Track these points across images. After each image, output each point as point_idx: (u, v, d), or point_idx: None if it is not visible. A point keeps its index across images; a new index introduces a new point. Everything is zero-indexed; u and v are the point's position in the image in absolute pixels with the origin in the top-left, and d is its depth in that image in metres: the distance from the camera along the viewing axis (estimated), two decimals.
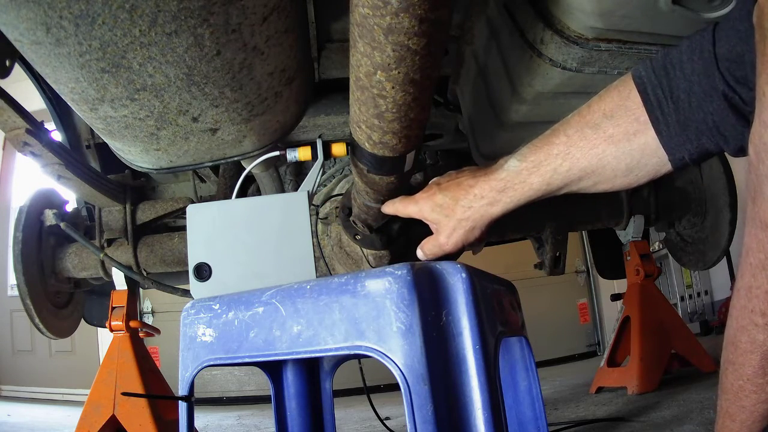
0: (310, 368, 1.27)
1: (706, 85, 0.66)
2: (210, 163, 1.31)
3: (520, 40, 1.26)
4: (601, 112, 0.75)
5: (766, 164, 0.57)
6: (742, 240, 0.62)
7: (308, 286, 0.78)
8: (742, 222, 0.63)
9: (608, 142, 0.74)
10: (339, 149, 1.13)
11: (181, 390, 0.89)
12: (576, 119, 0.78)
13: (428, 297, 0.72)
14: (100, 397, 1.96)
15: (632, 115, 0.73)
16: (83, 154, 2.25)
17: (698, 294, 4.98)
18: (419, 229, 1.01)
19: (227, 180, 2.08)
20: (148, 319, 4.79)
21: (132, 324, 2.03)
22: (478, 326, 0.72)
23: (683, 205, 2.35)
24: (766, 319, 0.60)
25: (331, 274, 1.61)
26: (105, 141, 1.24)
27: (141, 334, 2.11)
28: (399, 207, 1.00)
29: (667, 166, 0.74)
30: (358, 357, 1.23)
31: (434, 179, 0.95)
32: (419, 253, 0.95)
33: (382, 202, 1.15)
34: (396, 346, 0.69)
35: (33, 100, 1.92)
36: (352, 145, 0.97)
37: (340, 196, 1.50)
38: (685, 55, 0.69)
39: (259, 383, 4.67)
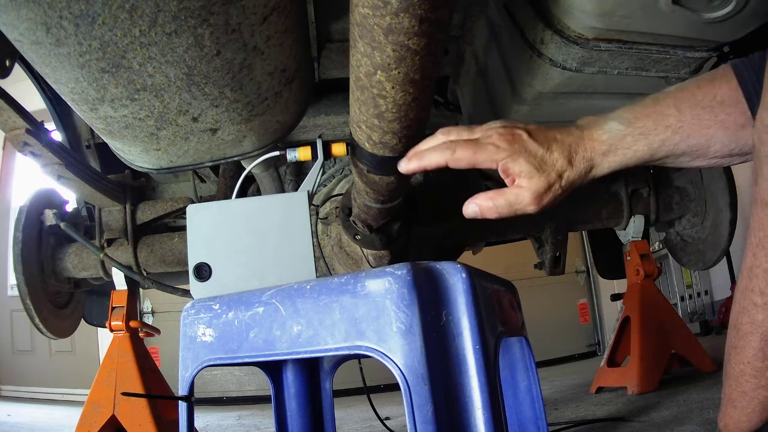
0: (310, 368, 1.27)
1: None
2: (210, 163, 1.31)
3: (520, 40, 1.26)
4: (712, 96, 0.74)
5: (767, 146, 0.59)
6: (742, 240, 0.63)
7: (308, 286, 0.78)
8: (743, 222, 0.64)
9: (719, 127, 0.74)
10: (339, 149, 1.13)
11: (181, 390, 0.89)
12: (686, 95, 0.76)
13: (428, 297, 0.71)
14: (100, 397, 1.96)
15: (741, 108, 0.73)
16: (83, 154, 2.25)
17: (698, 294, 4.98)
18: (420, 229, 1.00)
19: (227, 180, 2.08)
20: (148, 319, 4.79)
21: (132, 324, 2.04)
22: (478, 326, 0.72)
23: (683, 205, 2.35)
24: (765, 298, 0.61)
25: (331, 274, 1.61)
26: (105, 141, 1.24)
27: (141, 334, 2.11)
28: (464, 154, 0.74)
29: None
30: (358, 357, 1.23)
31: (503, 123, 0.77)
32: (471, 209, 0.76)
33: (382, 202, 1.15)
34: (396, 346, 0.69)
35: (33, 100, 1.92)
36: (352, 145, 0.96)
37: (340, 196, 1.50)
38: None
39: (259, 383, 4.67)
